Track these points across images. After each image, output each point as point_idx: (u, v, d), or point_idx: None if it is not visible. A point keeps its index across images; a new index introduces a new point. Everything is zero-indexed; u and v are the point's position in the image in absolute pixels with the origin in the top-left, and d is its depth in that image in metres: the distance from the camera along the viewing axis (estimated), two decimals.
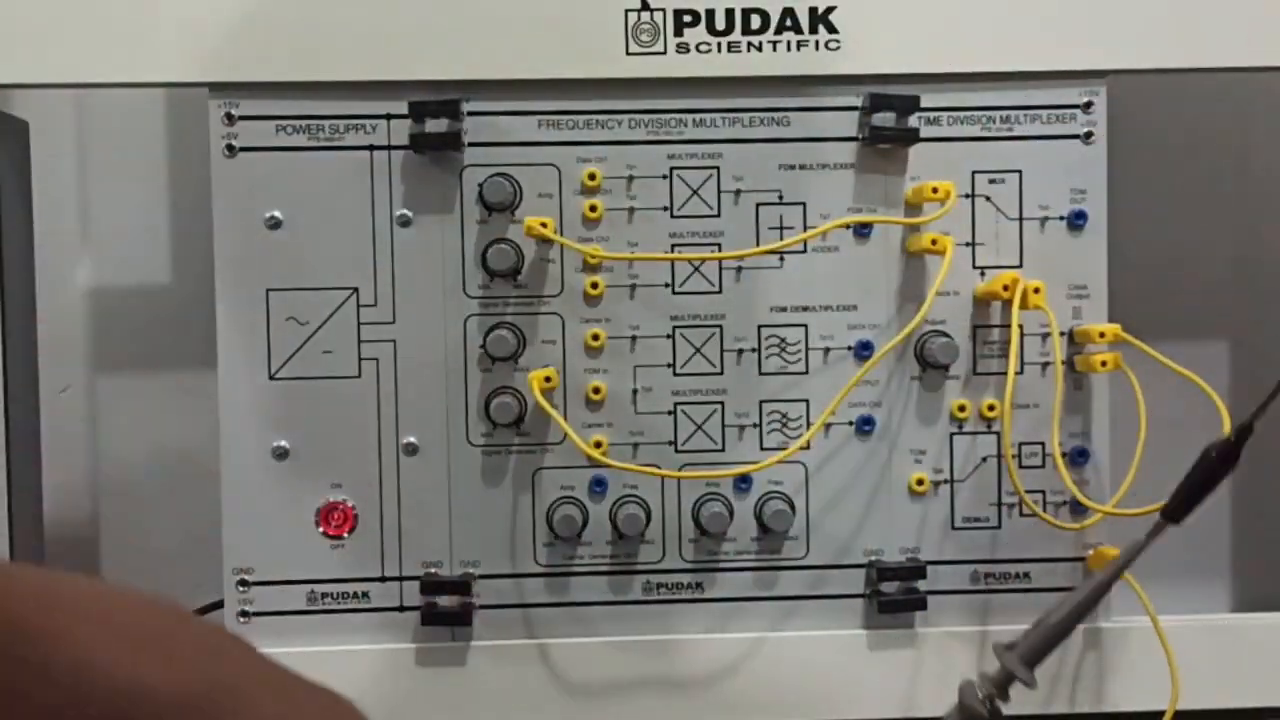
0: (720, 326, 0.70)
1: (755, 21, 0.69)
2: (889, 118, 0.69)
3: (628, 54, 0.69)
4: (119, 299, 0.90)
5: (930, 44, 0.70)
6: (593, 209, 0.70)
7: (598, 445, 0.70)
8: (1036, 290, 0.68)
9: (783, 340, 0.71)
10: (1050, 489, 0.71)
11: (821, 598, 0.71)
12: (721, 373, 0.71)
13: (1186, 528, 0.92)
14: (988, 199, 0.71)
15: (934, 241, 0.68)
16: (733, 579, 0.71)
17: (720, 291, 0.70)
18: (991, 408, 0.71)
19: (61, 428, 0.90)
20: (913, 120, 0.69)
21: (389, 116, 0.69)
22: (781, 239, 0.70)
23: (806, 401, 0.71)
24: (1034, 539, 0.71)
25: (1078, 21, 0.70)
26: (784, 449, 0.70)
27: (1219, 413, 0.66)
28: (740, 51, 0.69)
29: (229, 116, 0.69)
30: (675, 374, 0.70)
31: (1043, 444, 0.71)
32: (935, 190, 0.68)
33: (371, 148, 0.69)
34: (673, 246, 0.70)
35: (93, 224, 0.90)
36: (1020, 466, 0.71)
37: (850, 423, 0.71)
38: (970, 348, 0.71)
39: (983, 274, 0.71)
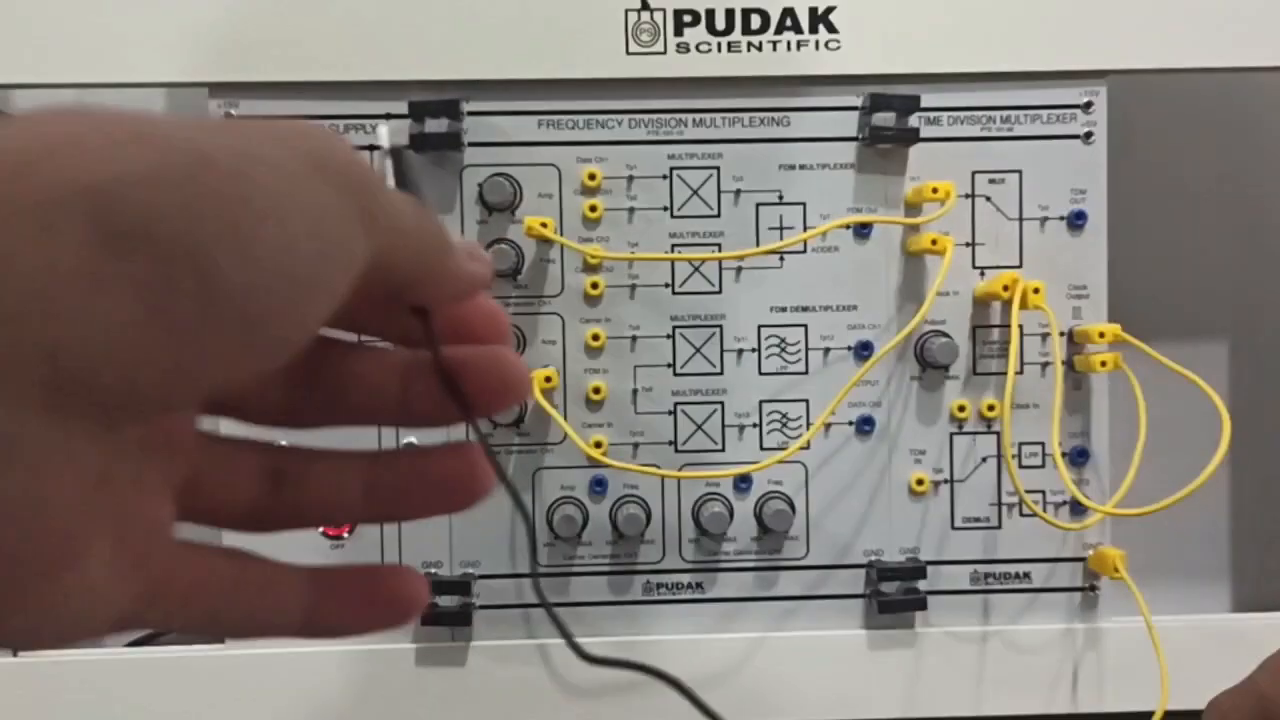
0: (720, 326, 0.70)
1: (755, 21, 0.69)
2: (889, 118, 0.69)
3: (628, 54, 0.69)
4: None
5: (930, 44, 0.70)
6: (593, 209, 0.70)
7: (598, 445, 0.70)
8: (1036, 290, 0.68)
9: (783, 340, 0.71)
10: (1050, 489, 0.71)
11: (821, 598, 0.71)
12: (721, 373, 0.71)
13: (1187, 528, 0.92)
14: (988, 199, 0.71)
15: (934, 241, 0.68)
16: (733, 579, 0.71)
17: (720, 291, 0.70)
18: (991, 408, 0.71)
19: None
20: (913, 120, 0.69)
21: (389, 116, 0.69)
22: (781, 239, 0.70)
23: (806, 401, 0.71)
24: (1034, 539, 0.71)
25: (1078, 21, 0.70)
26: (784, 449, 0.70)
27: (1219, 413, 0.66)
28: (740, 51, 0.69)
29: (229, 116, 0.69)
30: (675, 374, 0.70)
31: (1043, 444, 0.71)
32: (935, 190, 0.68)
33: (372, 148, 0.69)
34: (673, 246, 0.70)
35: None
36: (1020, 466, 0.71)
37: (850, 423, 0.71)
38: (970, 348, 0.71)
39: (983, 274, 0.71)
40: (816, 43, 0.69)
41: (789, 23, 0.69)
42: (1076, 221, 0.71)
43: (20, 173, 0.22)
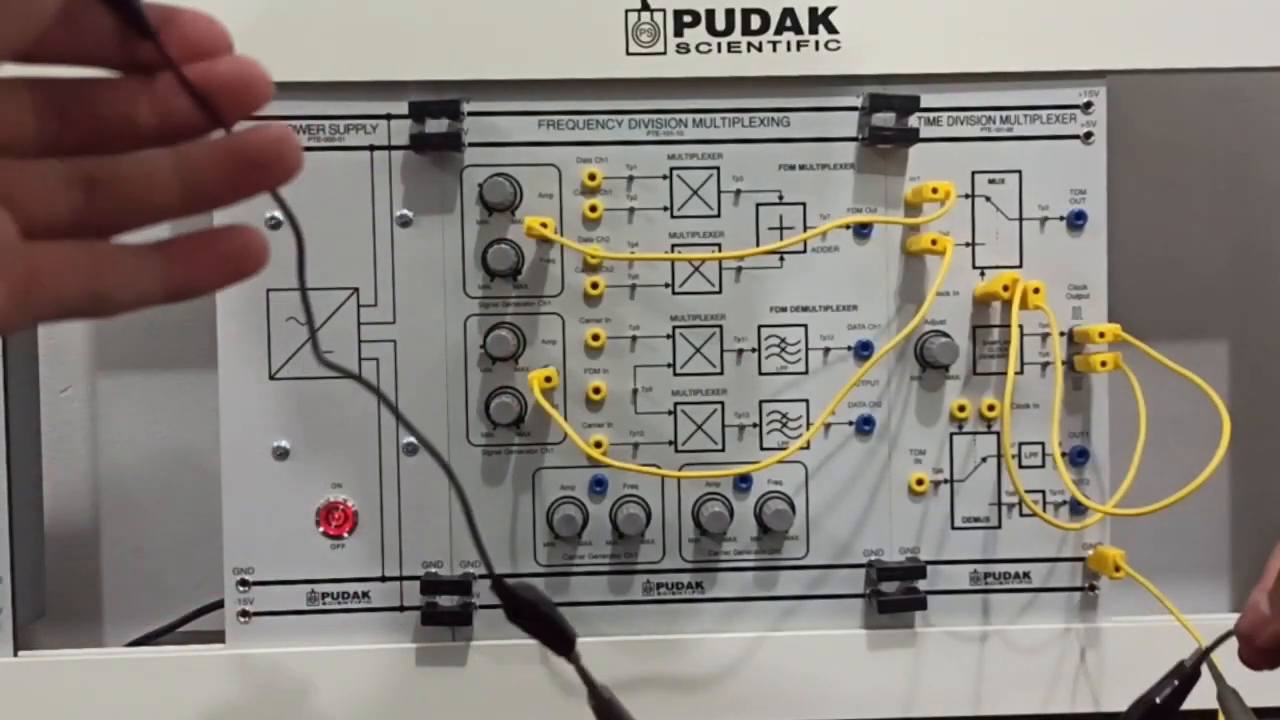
0: (720, 326, 0.70)
1: (755, 22, 0.69)
2: (889, 118, 0.69)
3: (628, 54, 0.69)
4: None
5: (930, 44, 0.70)
6: (593, 209, 0.70)
7: (598, 445, 0.70)
8: (1036, 290, 0.68)
9: (783, 340, 0.71)
10: (1050, 489, 0.71)
11: (821, 597, 0.71)
12: (721, 373, 0.71)
13: (1187, 527, 0.92)
14: (988, 199, 0.71)
15: (934, 241, 0.68)
16: (733, 579, 0.71)
17: (720, 291, 0.70)
18: (991, 408, 0.71)
19: (61, 428, 0.90)
20: (913, 120, 0.69)
21: (389, 116, 0.69)
22: (781, 239, 0.70)
23: (806, 401, 0.71)
24: (1034, 539, 0.71)
25: (1078, 21, 0.70)
26: (784, 449, 0.70)
27: (1219, 413, 0.66)
28: (740, 52, 0.69)
29: None
30: (675, 374, 0.70)
31: (1043, 444, 0.71)
32: (935, 190, 0.68)
33: (371, 148, 0.69)
34: (673, 246, 0.70)
35: None
36: (1020, 466, 0.71)
37: (850, 423, 0.71)
38: (970, 348, 0.71)
39: (983, 274, 0.71)
40: (816, 43, 0.69)
41: (789, 23, 0.69)
42: (1076, 221, 0.71)
43: None
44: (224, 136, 0.34)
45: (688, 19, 0.69)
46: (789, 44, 0.69)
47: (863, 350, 0.71)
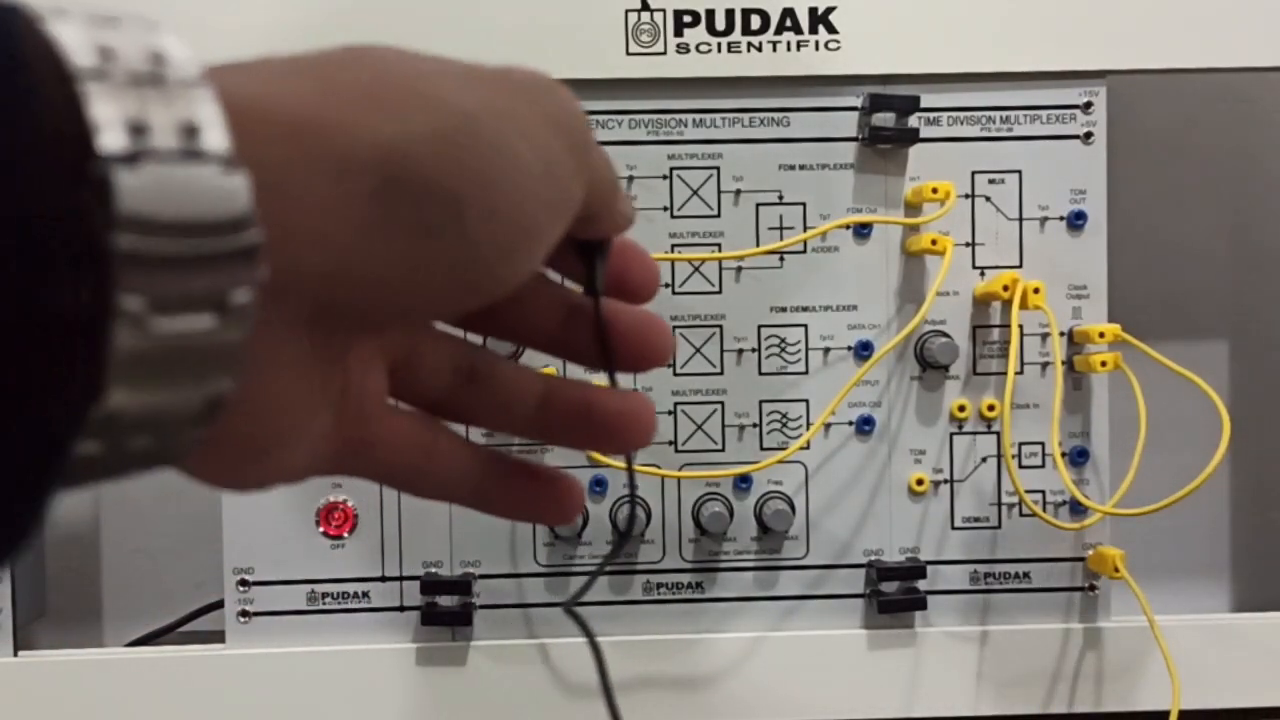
0: (720, 326, 0.70)
1: (755, 21, 0.69)
2: (889, 118, 0.69)
3: (628, 54, 0.69)
4: None
5: (930, 44, 0.70)
6: None
7: None
8: (1036, 290, 0.68)
9: (783, 340, 0.71)
10: (1050, 489, 0.71)
11: (821, 597, 0.71)
12: (721, 373, 0.71)
13: (1187, 527, 0.92)
14: (987, 199, 0.71)
15: (934, 241, 0.68)
16: (733, 579, 0.71)
17: (720, 291, 0.70)
18: (991, 408, 0.71)
19: None
20: (913, 120, 0.69)
21: None
22: (781, 239, 0.70)
23: (806, 401, 0.71)
24: (1034, 539, 0.71)
25: (1078, 21, 0.70)
26: (784, 449, 0.70)
27: (1219, 413, 0.66)
28: (740, 51, 0.69)
29: None
30: (675, 374, 0.70)
31: (1043, 444, 0.71)
32: (935, 190, 0.68)
33: None
34: (673, 246, 0.70)
35: None
36: (1020, 466, 0.71)
37: (850, 423, 0.71)
38: (970, 348, 0.71)
39: (983, 274, 0.71)
40: (816, 43, 0.69)
41: (789, 23, 0.69)
42: (1076, 221, 0.71)
43: (321, 127, 0.25)
44: (588, 386, 0.34)
45: (688, 19, 0.69)
46: (789, 44, 0.69)
47: (863, 350, 0.71)
